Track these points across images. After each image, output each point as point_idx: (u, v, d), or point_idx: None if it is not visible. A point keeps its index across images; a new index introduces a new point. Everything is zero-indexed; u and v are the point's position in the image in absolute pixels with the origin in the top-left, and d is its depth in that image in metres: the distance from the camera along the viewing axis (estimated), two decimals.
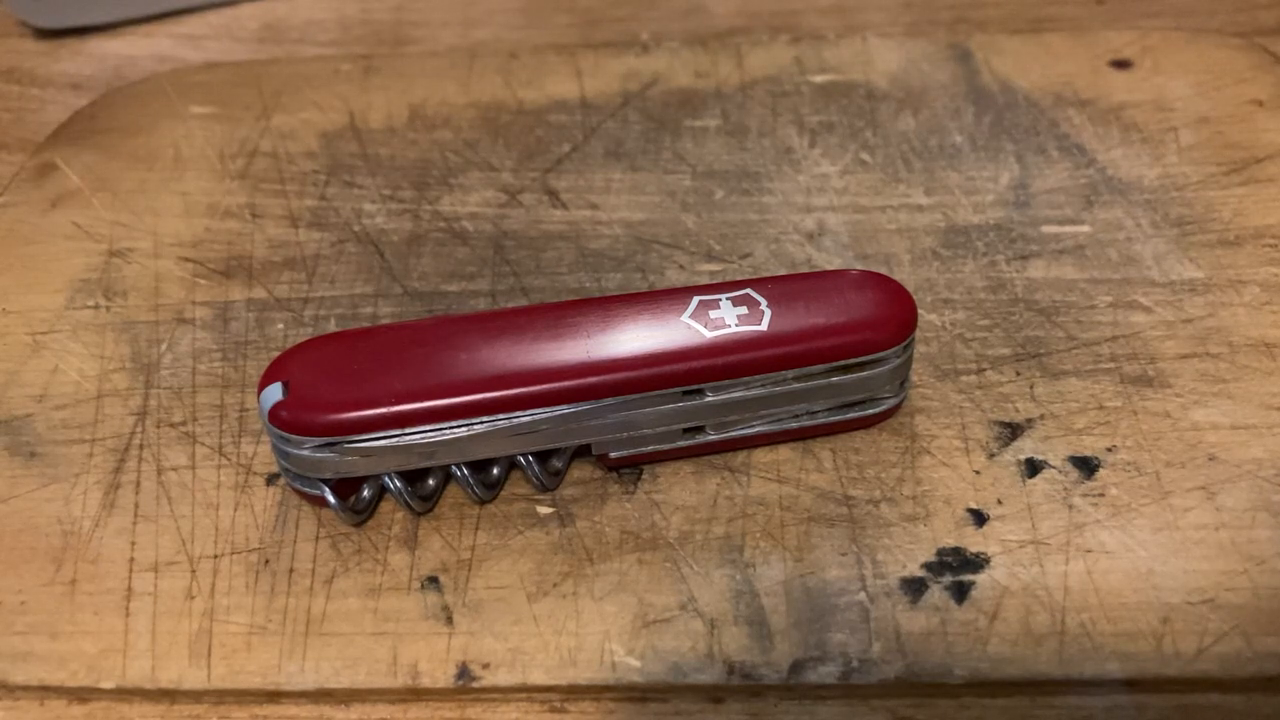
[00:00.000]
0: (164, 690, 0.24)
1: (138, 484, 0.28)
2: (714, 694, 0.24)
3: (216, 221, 0.34)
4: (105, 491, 0.28)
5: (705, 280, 0.32)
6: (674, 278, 0.32)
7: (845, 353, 0.26)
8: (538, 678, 0.24)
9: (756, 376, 0.26)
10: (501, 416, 0.25)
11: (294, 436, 0.25)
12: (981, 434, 0.28)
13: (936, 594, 0.25)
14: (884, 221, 0.34)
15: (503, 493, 0.27)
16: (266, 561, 0.26)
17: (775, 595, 0.25)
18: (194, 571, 0.26)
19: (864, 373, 0.27)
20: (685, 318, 0.26)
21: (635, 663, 0.24)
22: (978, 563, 0.26)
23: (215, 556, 0.26)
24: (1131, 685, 0.24)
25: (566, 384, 0.25)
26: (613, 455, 0.27)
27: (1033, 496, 0.27)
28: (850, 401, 0.27)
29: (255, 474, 0.28)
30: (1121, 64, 0.38)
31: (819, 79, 0.38)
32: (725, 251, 0.33)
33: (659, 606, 0.25)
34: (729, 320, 0.26)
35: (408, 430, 0.25)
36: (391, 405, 0.25)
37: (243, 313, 0.32)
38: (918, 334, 0.29)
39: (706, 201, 0.34)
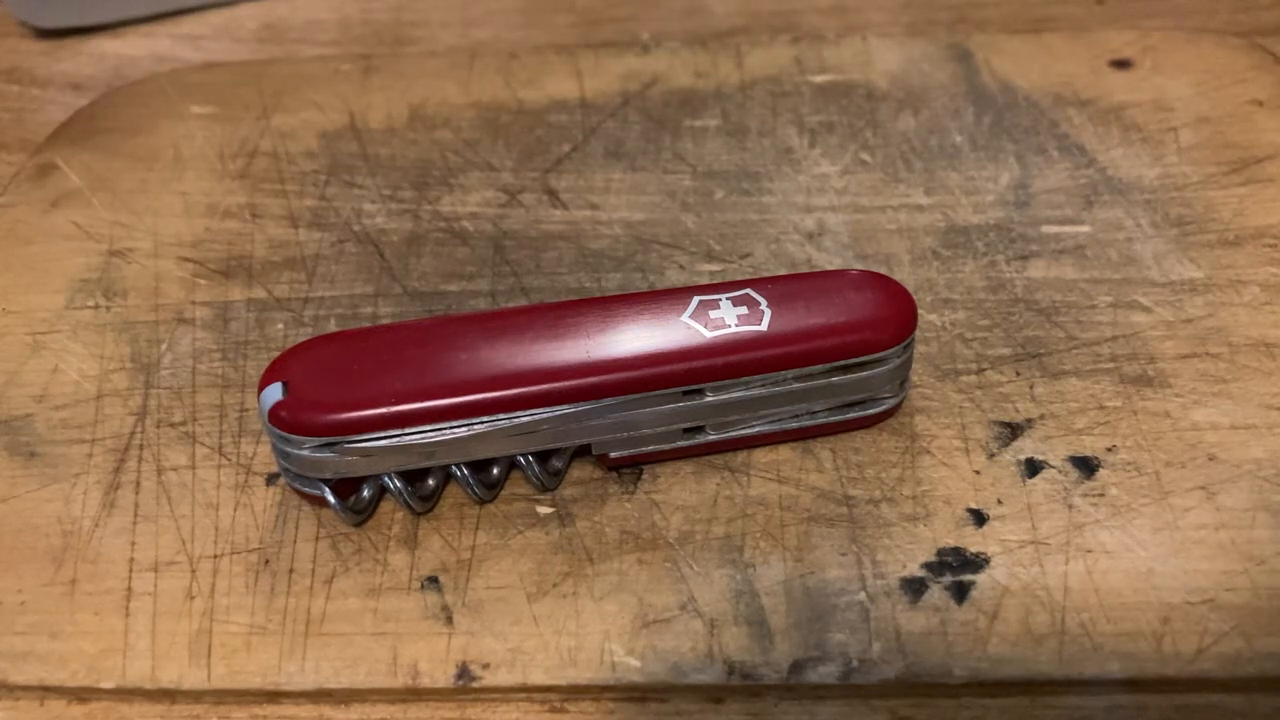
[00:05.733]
0: (164, 690, 0.24)
1: (138, 484, 0.28)
2: (714, 694, 0.24)
3: (216, 221, 0.34)
4: (105, 491, 0.28)
5: (705, 280, 0.32)
6: (674, 278, 0.32)
7: (845, 353, 0.26)
8: (538, 678, 0.24)
9: (756, 376, 0.26)
10: (501, 416, 0.25)
11: (294, 436, 0.25)
12: (981, 434, 0.28)
13: (936, 594, 0.25)
14: (884, 221, 0.34)
15: (503, 493, 0.27)
16: (266, 561, 0.26)
17: (775, 595, 0.25)
18: (194, 571, 0.26)
19: (864, 373, 0.27)
20: (685, 318, 0.26)
21: (635, 663, 0.24)
22: (978, 563, 0.26)
23: (215, 556, 0.26)
24: (1131, 685, 0.24)
25: (566, 384, 0.25)
26: (613, 455, 0.27)
27: (1033, 496, 0.27)
28: (850, 401, 0.27)
29: (255, 474, 0.28)
30: (1121, 64, 0.38)
31: (819, 79, 0.38)
32: (725, 251, 0.33)
33: (659, 606, 0.25)
34: (729, 320, 0.26)
35: (408, 430, 0.25)
36: (391, 405, 0.25)
37: (243, 313, 0.32)
38: (918, 334, 0.29)
39: (706, 201, 0.34)
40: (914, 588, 0.25)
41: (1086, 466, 0.27)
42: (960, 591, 0.25)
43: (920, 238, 0.33)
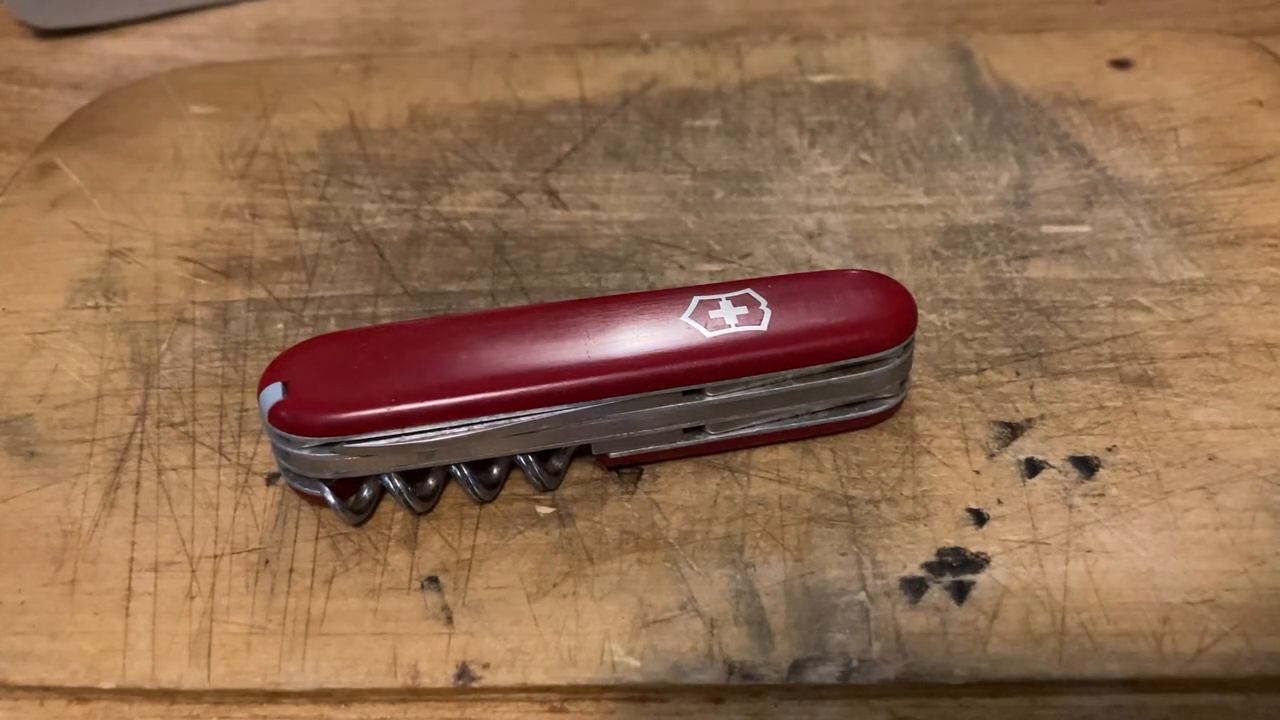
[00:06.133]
0: (164, 690, 0.24)
1: (138, 484, 0.28)
2: (714, 694, 0.24)
3: (216, 221, 0.34)
4: (105, 491, 0.28)
5: (705, 280, 0.32)
6: (674, 278, 0.32)
7: (845, 353, 0.26)
8: (538, 678, 0.24)
9: (756, 376, 0.26)
10: (501, 416, 0.25)
11: (294, 436, 0.25)
12: (981, 434, 0.28)
13: (936, 594, 0.25)
14: (884, 221, 0.34)
15: (503, 493, 0.27)
16: (266, 561, 0.26)
17: (775, 595, 0.25)
18: (194, 571, 0.26)
19: (864, 373, 0.27)
20: (685, 318, 0.26)
21: (635, 663, 0.24)
22: (978, 563, 0.26)
23: (215, 556, 0.26)
24: (1131, 685, 0.24)
25: (566, 384, 0.25)
26: (613, 455, 0.27)
27: (1033, 496, 0.27)
28: (850, 401, 0.27)
29: (255, 474, 0.28)
30: (1121, 64, 0.38)
31: (819, 79, 0.38)
32: (725, 251, 0.33)
33: (659, 606, 0.25)
34: (729, 320, 0.26)
35: (408, 430, 0.25)
36: (391, 405, 0.25)
37: (243, 313, 0.32)
38: (918, 334, 0.29)
39: (706, 201, 0.34)
40: (914, 588, 0.25)
41: (1086, 466, 0.27)
42: (960, 591, 0.25)
43: (920, 238, 0.33)
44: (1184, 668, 0.24)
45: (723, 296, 0.27)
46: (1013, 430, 0.28)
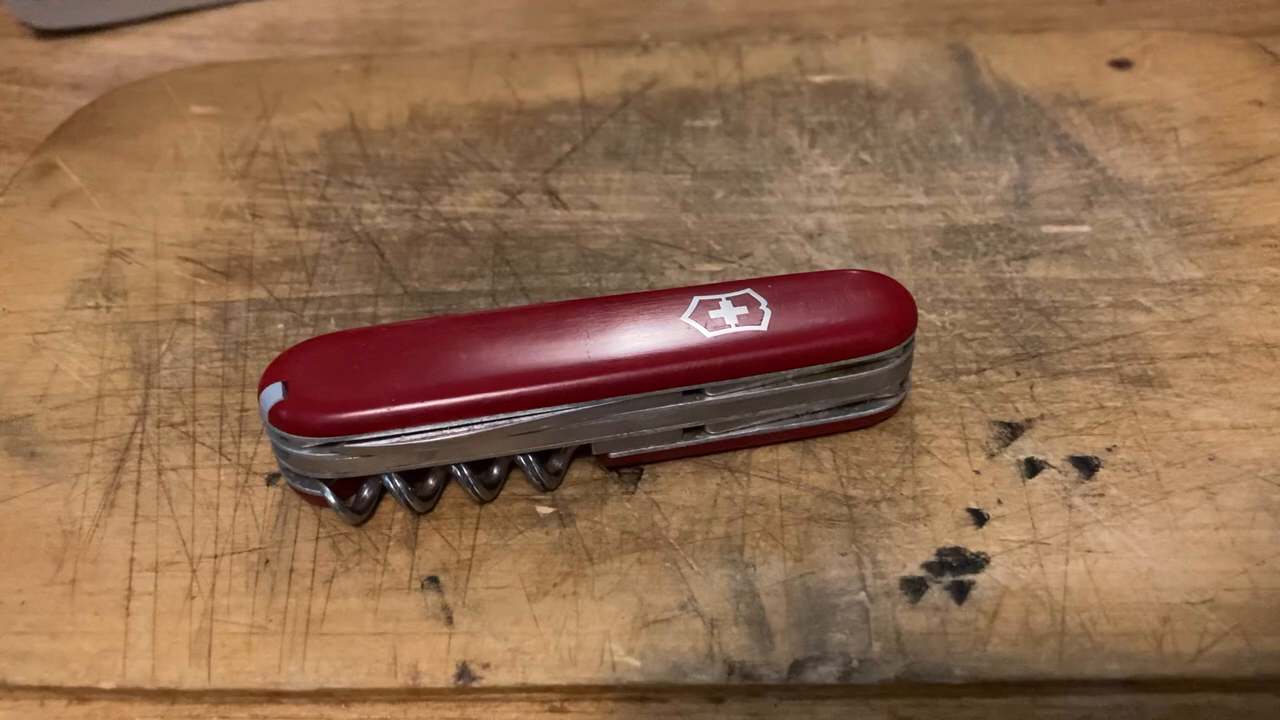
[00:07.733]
0: (164, 690, 0.24)
1: (138, 484, 0.28)
2: (714, 694, 0.24)
3: (216, 221, 0.34)
4: (105, 491, 0.28)
5: (705, 280, 0.32)
6: (674, 278, 0.32)
7: (845, 353, 0.26)
8: (538, 678, 0.24)
9: (756, 376, 0.26)
10: (501, 416, 0.25)
11: (294, 436, 0.25)
12: (981, 434, 0.28)
13: (936, 594, 0.25)
14: (884, 221, 0.34)
15: (503, 493, 0.27)
16: (266, 561, 0.26)
17: (775, 595, 0.25)
18: (194, 571, 0.26)
19: (864, 373, 0.27)
20: (685, 318, 0.26)
21: (635, 663, 0.24)
22: (978, 563, 0.26)
23: (215, 556, 0.26)
24: (1131, 685, 0.24)
25: (566, 384, 0.25)
26: (613, 455, 0.27)
27: (1033, 496, 0.27)
28: (850, 401, 0.27)
29: (255, 474, 0.28)
30: (1121, 64, 0.38)
31: (819, 79, 0.38)
32: (725, 251, 0.33)
33: (659, 606, 0.25)
34: (729, 320, 0.26)
35: (408, 430, 0.25)
36: (391, 405, 0.25)
37: (243, 313, 0.32)
38: (918, 334, 0.29)
39: (706, 201, 0.34)
40: (914, 588, 0.25)
41: (1086, 466, 0.27)
42: (960, 591, 0.25)
43: (920, 238, 0.33)
44: (1184, 668, 0.24)
45: (723, 296, 0.27)
46: (1013, 430, 0.28)
